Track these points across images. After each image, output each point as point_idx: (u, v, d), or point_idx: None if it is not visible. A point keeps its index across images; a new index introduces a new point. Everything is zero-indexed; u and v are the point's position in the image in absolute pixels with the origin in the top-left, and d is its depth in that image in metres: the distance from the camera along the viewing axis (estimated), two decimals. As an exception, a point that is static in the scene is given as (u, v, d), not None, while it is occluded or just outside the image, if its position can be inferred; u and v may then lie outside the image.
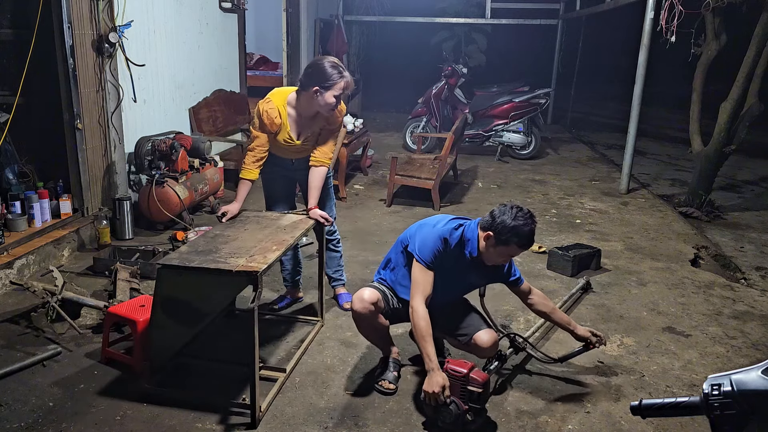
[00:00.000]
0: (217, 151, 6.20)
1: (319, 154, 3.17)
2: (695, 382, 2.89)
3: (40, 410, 2.52)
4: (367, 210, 5.68)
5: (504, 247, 2.44)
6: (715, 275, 4.27)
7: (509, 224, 2.39)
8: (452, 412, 2.35)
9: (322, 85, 2.92)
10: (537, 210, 5.81)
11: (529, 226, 2.42)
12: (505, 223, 2.40)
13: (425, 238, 2.53)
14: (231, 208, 3.08)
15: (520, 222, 2.40)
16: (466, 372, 2.38)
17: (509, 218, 2.40)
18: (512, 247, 2.44)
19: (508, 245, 2.43)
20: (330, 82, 2.91)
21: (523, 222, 2.40)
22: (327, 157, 3.18)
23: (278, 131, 3.11)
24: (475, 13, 11.68)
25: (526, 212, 2.44)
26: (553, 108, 11.33)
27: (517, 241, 2.42)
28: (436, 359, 2.40)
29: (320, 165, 3.17)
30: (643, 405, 1.19)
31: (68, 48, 4.13)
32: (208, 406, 2.56)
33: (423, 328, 2.43)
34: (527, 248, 2.51)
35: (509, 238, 2.41)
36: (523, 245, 2.45)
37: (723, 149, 5.80)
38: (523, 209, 2.45)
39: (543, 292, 2.90)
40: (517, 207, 2.46)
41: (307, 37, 9.41)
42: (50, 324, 3.13)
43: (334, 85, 2.91)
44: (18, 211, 4.06)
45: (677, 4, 5.45)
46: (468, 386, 2.37)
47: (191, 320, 2.59)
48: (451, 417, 2.36)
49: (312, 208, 3.11)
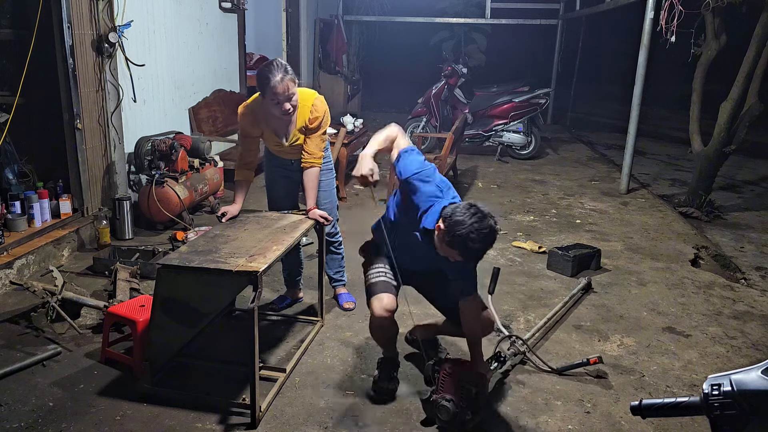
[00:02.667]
0: (217, 151, 6.20)
1: (307, 155, 3.14)
2: (695, 382, 2.89)
3: (40, 410, 2.52)
4: (368, 210, 5.68)
5: (448, 247, 2.25)
6: (715, 275, 4.27)
7: (460, 232, 2.17)
8: (450, 409, 2.35)
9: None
10: (537, 210, 5.81)
11: (478, 244, 2.17)
12: (458, 227, 2.17)
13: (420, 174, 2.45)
14: (231, 209, 3.08)
15: (472, 236, 2.16)
16: (464, 370, 2.38)
17: (464, 226, 2.16)
18: (455, 252, 2.25)
19: (451, 248, 2.24)
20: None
21: (474, 237, 2.16)
22: (314, 157, 3.14)
23: (263, 134, 3.13)
24: (475, 13, 11.68)
25: (484, 227, 2.17)
26: (553, 108, 11.33)
27: (459, 251, 2.23)
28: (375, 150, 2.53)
29: (310, 166, 3.15)
30: (643, 405, 1.19)
31: (68, 48, 4.13)
32: (208, 406, 2.56)
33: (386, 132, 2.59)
34: (471, 262, 2.38)
35: (454, 244, 2.21)
36: (465, 258, 2.26)
37: (723, 149, 5.80)
38: (483, 221, 2.18)
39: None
40: (479, 216, 2.18)
41: (307, 37, 9.42)
42: (50, 324, 3.13)
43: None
44: (18, 211, 4.06)
45: (677, 4, 5.45)
46: (466, 384, 2.37)
47: (191, 320, 2.59)
48: (449, 415, 2.36)
49: (311, 209, 3.11)
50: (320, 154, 3.16)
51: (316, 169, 3.16)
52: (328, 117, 3.15)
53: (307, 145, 3.13)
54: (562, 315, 3.52)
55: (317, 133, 3.13)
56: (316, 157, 3.14)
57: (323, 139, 3.17)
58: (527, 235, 5.00)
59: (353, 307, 3.54)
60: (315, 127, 3.11)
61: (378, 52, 12.68)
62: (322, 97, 3.17)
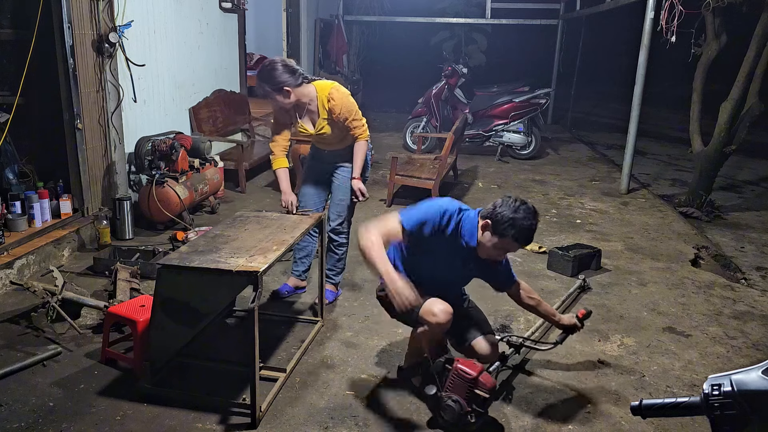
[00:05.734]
0: (217, 151, 6.20)
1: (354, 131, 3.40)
2: (695, 383, 2.89)
3: (40, 410, 2.52)
4: (367, 210, 5.68)
5: (499, 238, 2.32)
6: (716, 275, 4.27)
7: (508, 215, 2.29)
8: (455, 410, 2.35)
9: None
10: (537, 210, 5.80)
11: (530, 221, 2.31)
12: (504, 213, 2.30)
13: (419, 209, 2.44)
14: (290, 198, 3.32)
15: (521, 215, 2.29)
16: (475, 375, 2.35)
17: (510, 210, 2.30)
18: (507, 239, 2.31)
19: (503, 237, 2.31)
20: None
21: (523, 216, 2.29)
22: (357, 133, 3.39)
23: (294, 123, 3.40)
24: (475, 13, 11.68)
25: (529, 207, 2.34)
26: (554, 108, 11.33)
27: (513, 234, 2.30)
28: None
29: (357, 139, 3.42)
30: (643, 405, 1.19)
31: (68, 48, 4.13)
32: (208, 406, 2.56)
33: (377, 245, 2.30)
34: (524, 245, 2.39)
35: (506, 230, 2.29)
36: (518, 240, 2.32)
37: (723, 149, 5.80)
38: (527, 204, 2.34)
39: (543, 293, 2.89)
40: (521, 201, 2.35)
41: (307, 37, 9.41)
42: (50, 324, 3.13)
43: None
44: (18, 211, 4.06)
45: (677, 4, 5.45)
46: (475, 389, 2.35)
47: (191, 320, 2.59)
48: (453, 416, 2.36)
49: (354, 178, 3.42)
50: (362, 131, 3.40)
51: (362, 142, 3.41)
52: (348, 104, 3.33)
53: (351, 129, 3.39)
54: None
55: (348, 120, 3.33)
56: (358, 133, 3.39)
57: (357, 119, 3.37)
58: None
59: (328, 303, 3.58)
60: (343, 118, 3.30)
61: (378, 52, 12.68)
62: (338, 86, 3.35)
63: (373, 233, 2.35)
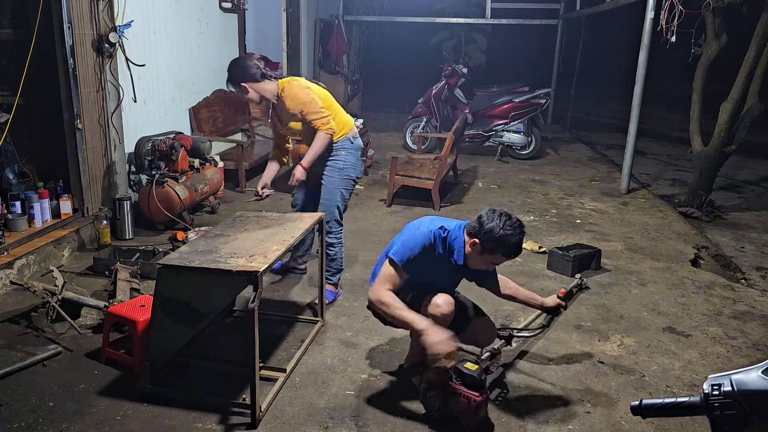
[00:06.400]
0: (217, 151, 6.20)
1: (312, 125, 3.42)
2: (695, 382, 2.89)
3: (40, 410, 2.52)
4: (367, 210, 5.68)
5: (489, 255, 2.43)
6: (716, 275, 4.27)
7: (496, 234, 2.36)
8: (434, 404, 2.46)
9: None
10: (537, 210, 5.81)
11: (517, 236, 2.38)
12: (492, 231, 2.36)
13: (405, 241, 2.51)
14: (260, 183, 3.48)
15: (508, 232, 2.36)
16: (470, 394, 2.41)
17: (497, 227, 2.36)
18: (497, 255, 2.43)
19: (493, 254, 2.42)
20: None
21: (510, 232, 2.36)
22: (316, 125, 3.37)
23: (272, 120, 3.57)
24: (475, 13, 11.68)
25: (514, 221, 2.40)
26: (554, 108, 11.33)
27: (503, 251, 2.40)
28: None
29: (317, 131, 3.40)
30: (643, 405, 1.19)
31: (68, 48, 4.13)
32: (208, 406, 2.56)
33: (393, 301, 2.41)
34: (513, 257, 2.50)
35: (495, 248, 2.39)
36: (508, 255, 2.44)
37: (723, 149, 5.79)
38: (511, 218, 2.41)
39: (543, 293, 2.90)
40: (505, 215, 2.41)
41: (307, 37, 9.41)
42: (50, 324, 3.13)
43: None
44: (18, 211, 4.06)
45: (677, 4, 5.45)
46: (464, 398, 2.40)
47: (191, 320, 2.59)
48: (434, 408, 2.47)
49: (299, 164, 3.43)
50: (320, 123, 3.36)
51: (321, 134, 3.38)
52: (299, 96, 3.35)
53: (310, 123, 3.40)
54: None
55: (303, 113, 3.37)
56: (318, 125, 3.37)
57: (313, 111, 3.35)
58: (527, 235, 4.98)
59: (328, 303, 3.56)
60: (298, 111, 3.37)
61: (378, 52, 12.68)
62: (293, 80, 3.41)
63: (382, 292, 2.45)
